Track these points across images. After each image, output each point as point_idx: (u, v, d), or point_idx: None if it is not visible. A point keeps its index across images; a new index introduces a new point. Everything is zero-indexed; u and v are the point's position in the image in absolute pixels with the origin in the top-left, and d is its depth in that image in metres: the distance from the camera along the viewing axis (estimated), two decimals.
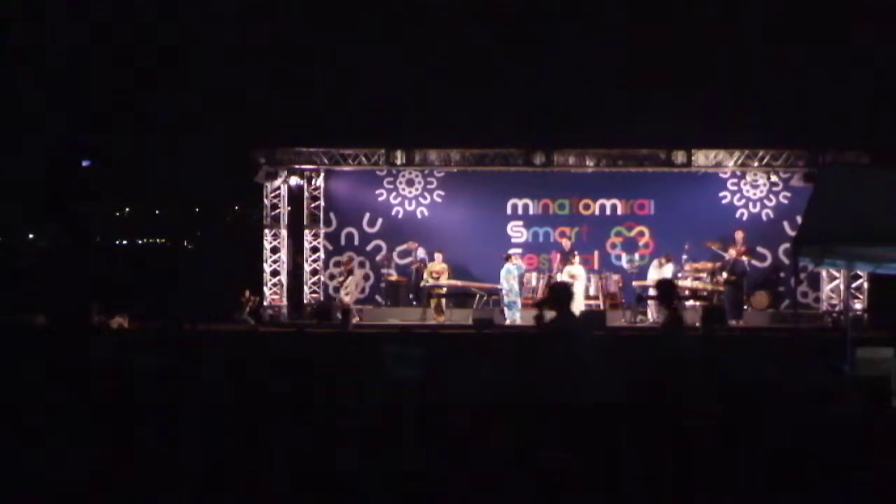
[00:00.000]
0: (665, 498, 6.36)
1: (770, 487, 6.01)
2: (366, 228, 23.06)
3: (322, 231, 23.02)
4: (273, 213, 22.40)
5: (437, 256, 21.74)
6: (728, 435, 7.08)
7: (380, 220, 23.06)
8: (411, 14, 25.08)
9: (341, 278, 21.56)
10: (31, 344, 14.00)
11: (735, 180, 22.50)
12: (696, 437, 7.03)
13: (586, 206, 23.00)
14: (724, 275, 20.75)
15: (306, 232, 22.97)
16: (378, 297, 22.62)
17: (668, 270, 21.12)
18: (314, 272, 22.94)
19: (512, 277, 20.97)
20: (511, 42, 24.89)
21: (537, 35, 24.96)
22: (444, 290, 21.73)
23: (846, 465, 6.22)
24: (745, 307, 21.07)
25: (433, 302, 21.45)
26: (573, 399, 7.12)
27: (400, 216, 23.09)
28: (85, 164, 31.05)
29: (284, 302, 22.36)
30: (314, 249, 22.96)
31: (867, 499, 6.00)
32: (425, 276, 21.59)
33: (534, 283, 22.20)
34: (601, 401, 7.32)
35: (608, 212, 23.01)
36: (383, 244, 22.73)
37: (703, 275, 21.11)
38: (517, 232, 23.03)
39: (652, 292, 21.34)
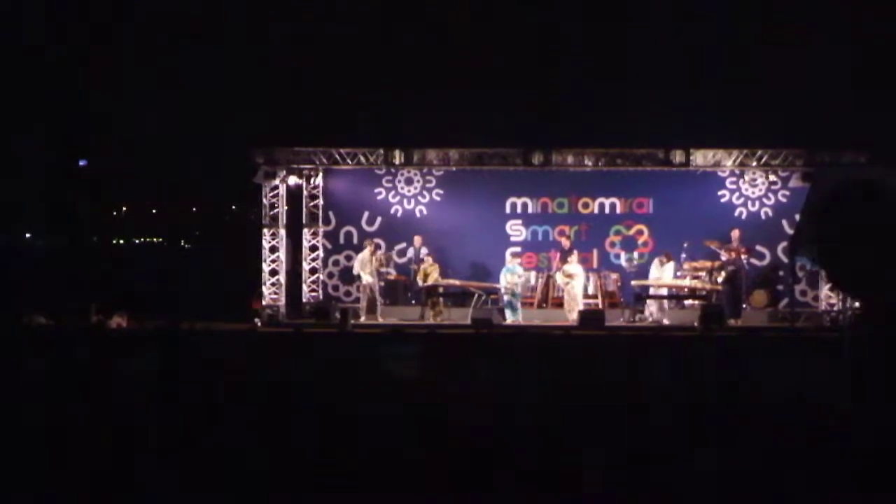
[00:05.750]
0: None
1: (767, 487, 6.03)
2: (364, 227, 23.06)
3: (321, 230, 23.03)
4: (271, 213, 22.40)
5: (428, 258, 21.76)
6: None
7: (379, 219, 23.07)
8: (409, 13, 25.09)
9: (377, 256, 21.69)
10: (32, 344, 14.00)
11: (734, 179, 22.51)
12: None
13: (585, 205, 23.02)
14: (723, 274, 20.79)
15: (305, 231, 22.97)
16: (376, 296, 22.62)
17: (669, 269, 21.15)
18: (313, 271, 22.95)
19: (515, 277, 21.16)
20: (510, 40, 24.91)
21: (535, 34, 24.97)
22: (442, 289, 21.76)
23: (841, 464, 6.23)
24: (744, 306, 21.10)
25: (431, 301, 21.49)
26: None
27: (399, 215, 23.10)
28: (82, 163, 31.05)
29: (283, 301, 22.37)
30: (313, 248, 22.96)
31: (865, 498, 6.01)
32: (418, 275, 21.66)
33: (532, 282, 22.23)
34: None
35: (607, 210, 23.03)
36: (382, 243, 22.73)
37: (702, 274, 21.14)
38: (516, 231, 23.05)
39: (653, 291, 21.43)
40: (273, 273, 22.31)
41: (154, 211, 36.77)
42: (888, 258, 2.92)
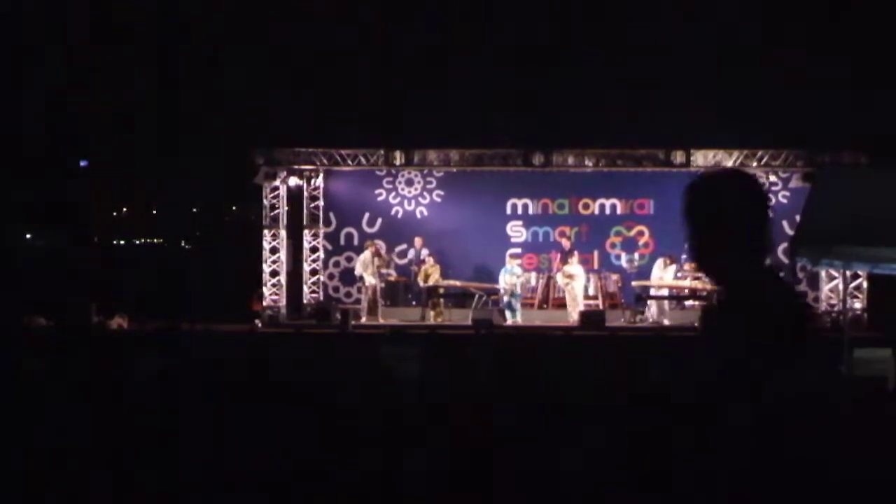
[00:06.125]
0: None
1: (765, 489, 6.00)
2: (365, 228, 23.07)
3: (321, 231, 23.03)
4: (272, 214, 22.40)
5: (429, 259, 21.75)
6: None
7: (379, 220, 23.08)
8: (411, 13, 25.10)
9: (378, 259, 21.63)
10: (32, 344, 14.02)
11: None
12: None
13: (586, 206, 23.03)
14: None
15: (305, 232, 22.97)
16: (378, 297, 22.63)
17: (671, 270, 21.15)
18: (313, 272, 22.95)
19: (514, 277, 21.17)
20: (510, 41, 24.91)
21: (536, 35, 24.97)
22: (443, 290, 21.77)
23: (843, 468, 6.20)
24: None
25: (432, 302, 21.49)
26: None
27: (399, 216, 23.11)
28: (83, 164, 31.07)
29: (283, 302, 22.37)
30: (313, 250, 22.96)
31: (864, 501, 6.00)
32: (420, 276, 21.66)
33: (533, 282, 22.24)
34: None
35: (608, 211, 23.04)
36: (383, 244, 22.73)
37: (702, 275, 21.12)
38: (516, 232, 23.06)
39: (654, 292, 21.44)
40: (274, 274, 22.30)
41: (154, 211, 36.79)
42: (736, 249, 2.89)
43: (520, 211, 23.11)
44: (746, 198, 3.16)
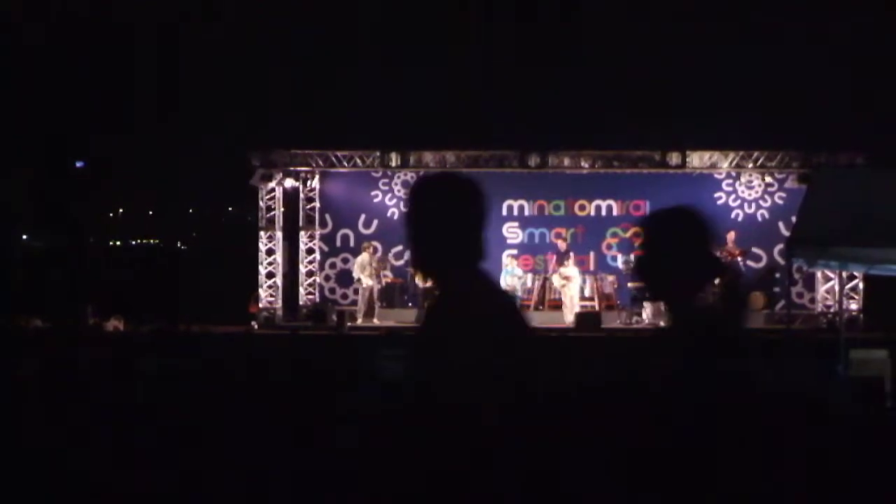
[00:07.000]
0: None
1: (765, 489, 6.01)
2: (361, 230, 23.06)
3: (317, 233, 23.02)
4: (268, 215, 22.39)
5: None
6: None
7: (375, 222, 23.08)
8: (406, 15, 25.11)
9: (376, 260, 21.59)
10: (28, 346, 14.00)
11: (730, 181, 22.54)
12: None
13: (582, 207, 23.03)
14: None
15: (302, 234, 22.96)
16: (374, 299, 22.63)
17: None
18: (310, 274, 22.94)
19: (515, 279, 21.16)
20: (506, 43, 24.94)
21: (532, 36, 25.00)
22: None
23: (840, 468, 6.23)
24: None
25: (428, 303, 21.46)
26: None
27: (395, 217, 23.10)
28: (79, 164, 31.07)
29: (280, 304, 22.35)
30: (310, 251, 22.96)
31: (863, 502, 6.01)
32: (417, 277, 21.66)
33: (529, 284, 22.23)
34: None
35: (604, 213, 23.04)
36: (379, 246, 22.72)
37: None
38: (513, 233, 23.05)
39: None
40: (270, 276, 22.29)
41: (151, 213, 36.79)
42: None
43: (516, 212, 23.11)
44: (462, 202, 3.16)
